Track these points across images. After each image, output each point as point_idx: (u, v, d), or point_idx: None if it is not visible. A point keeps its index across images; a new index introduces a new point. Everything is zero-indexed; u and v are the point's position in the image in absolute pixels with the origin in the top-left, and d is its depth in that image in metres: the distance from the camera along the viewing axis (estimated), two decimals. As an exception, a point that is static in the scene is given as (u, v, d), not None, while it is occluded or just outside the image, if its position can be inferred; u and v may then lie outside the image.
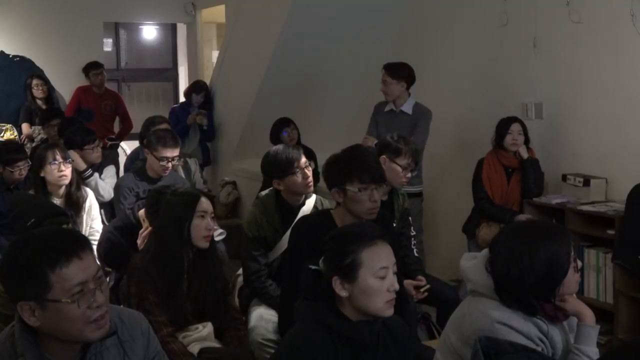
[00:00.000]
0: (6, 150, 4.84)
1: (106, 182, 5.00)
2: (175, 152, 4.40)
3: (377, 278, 2.13)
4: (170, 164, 4.39)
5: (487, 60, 5.38)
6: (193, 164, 5.34)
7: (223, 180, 7.50)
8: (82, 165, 4.96)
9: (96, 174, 5.00)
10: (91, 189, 4.89)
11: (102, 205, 4.89)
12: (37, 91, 7.26)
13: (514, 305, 2.12)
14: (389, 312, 2.16)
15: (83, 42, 8.11)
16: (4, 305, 2.64)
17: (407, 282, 3.61)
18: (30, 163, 4.70)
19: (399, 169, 3.74)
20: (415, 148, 3.86)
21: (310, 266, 2.22)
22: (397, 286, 2.17)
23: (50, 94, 7.40)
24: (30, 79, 7.31)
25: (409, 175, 3.80)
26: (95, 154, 5.09)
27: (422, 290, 3.59)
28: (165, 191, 3.31)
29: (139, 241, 3.59)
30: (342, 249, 2.15)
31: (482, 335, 2.01)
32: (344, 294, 2.13)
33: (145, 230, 3.57)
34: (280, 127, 5.84)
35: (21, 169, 4.72)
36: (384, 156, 3.74)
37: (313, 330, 2.14)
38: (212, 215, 3.15)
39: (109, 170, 5.21)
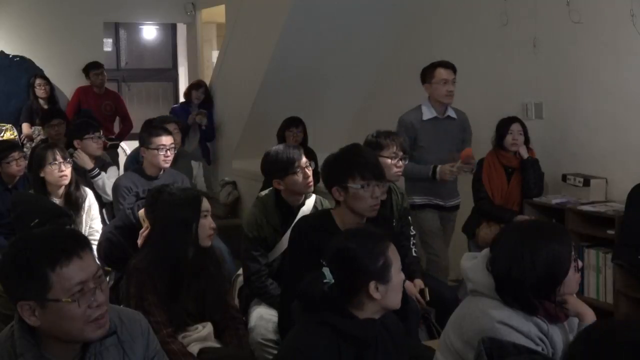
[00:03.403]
0: None
1: (111, 181, 5.00)
2: (169, 140, 4.45)
3: (399, 272, 2.21)
4: (169, 152, 4.41)
5: (487, 60, 5.38)
6: (196, 167, 5.35)
7: (223, 180, 7.50)
8: (90, 165, 4.99)
9: (103, 173, 5.02)
10: (98, 187, 4.90)
11: (104, 205, 4.89)
12: (40, 91, 7.27)
13: (515, 304, 2.12)
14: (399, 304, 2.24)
15: (83, 42, 8.11)
16: (4, 305, 2.64)
17: (409, 287, 3.63)
18: (25, 154, 4.70)
19: (388, 160, 3.75)
20: (399, 137, 3.88)
21: (325, 281, 2.18)
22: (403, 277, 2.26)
23: (52, 93, 7.41)
24: (33, 79, 7.33)
25: (400, 164, 3.81)
26: (96, 145, 5.11)
27: (424, 292, 3.64)
28: (164, 190, 3.31)
29: (139, 241, 3.59)
30: (373, 252, 2.17)
31: (483, 335, 2.01)
32: (377, 296, 2.15)
33: (145, 230, 3.57)
34: (286, 126, 5.84)
35: (17, 160, 4.71)
36: None
37: (315, 331, 2.13)
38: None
39: (113, 171, 5.22)
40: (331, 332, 2.12)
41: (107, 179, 5.01)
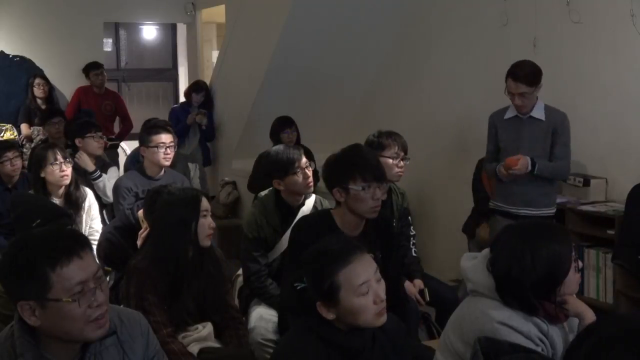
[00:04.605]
0: None
1: (111, 182, 5.00)
2: (169, 138, 4.40)
3: (359, 296, 2.07)
4: (169, 150, 4.37)
5: (487, 60, 5.38)
6: (193, 168, 5.35)
7: (223, 180, 7.50)
8: (91, 167, 4.99)
9: (104, 175, 5.01)
10: (98, 189, 4.89)
11: (105, 205, 4.89)
12: (38, 90, 7.28)
13: (515, 304, 2.11)
14: (381, 320, 2.11)
15: (83, 42, 8.11)
16: (4, 305, 2.64)
17: (409, 287, 3.63)
18: (21, 152, 4.70)
19: (389, 160, 3.75)
20: (400, 138, 3.84)
21: (296, 284, 2.16)
22: (383, 296, 2.10)
23: (51, 93, 7.41)
24: (32, 78, 7.34)
25: (402, 164, 3.81)
26: (97, 144, 5.11)
27: (424, 293, 3.64)
28: (162, 190, 3.31)
29: (138, 242, 3.59)
30: (319, 273, 2.09)
31: (482, 335, 2.01)
32: (331, 316, 2.09)
33: (144, 231, 3.57)
34: (281, 127, 5.84)
35: (11, 160, 4.71)
36: None
37: (305, 337, 2.12)
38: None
39: (113, 172, 5.22)
40: (318, 338, 2.10)
41: (108, 180, 5.01)
